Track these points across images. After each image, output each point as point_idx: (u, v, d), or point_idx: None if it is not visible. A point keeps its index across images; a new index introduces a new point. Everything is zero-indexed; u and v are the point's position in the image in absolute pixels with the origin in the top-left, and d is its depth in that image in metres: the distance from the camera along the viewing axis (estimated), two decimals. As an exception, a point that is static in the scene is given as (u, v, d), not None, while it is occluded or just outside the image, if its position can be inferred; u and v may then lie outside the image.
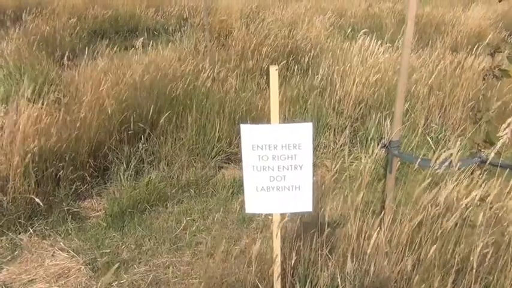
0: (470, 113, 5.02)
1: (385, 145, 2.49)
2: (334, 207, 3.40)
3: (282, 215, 2.25)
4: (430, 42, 7.67)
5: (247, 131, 2.07)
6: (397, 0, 12.40)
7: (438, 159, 2.38)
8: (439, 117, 5.02)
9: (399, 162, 3.58)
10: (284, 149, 2.09)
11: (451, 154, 2.39)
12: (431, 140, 4.46)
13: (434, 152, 2.54)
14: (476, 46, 6.02)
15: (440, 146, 4.17)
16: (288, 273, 2.57)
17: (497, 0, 3.92)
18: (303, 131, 2.08)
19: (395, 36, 6.85)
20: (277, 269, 2.28)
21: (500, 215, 2.65)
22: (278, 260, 2.26)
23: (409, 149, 4.43)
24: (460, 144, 3.61)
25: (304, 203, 2.21)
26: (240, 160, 4.72)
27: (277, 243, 2.25)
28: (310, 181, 2.17)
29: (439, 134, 4.74)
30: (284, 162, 2.11)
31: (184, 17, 9.97)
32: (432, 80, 5.35)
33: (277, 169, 2.13)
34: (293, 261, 2.51)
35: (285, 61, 6.33)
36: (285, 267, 2.56)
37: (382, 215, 2.58)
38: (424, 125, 4.78)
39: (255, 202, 2.20)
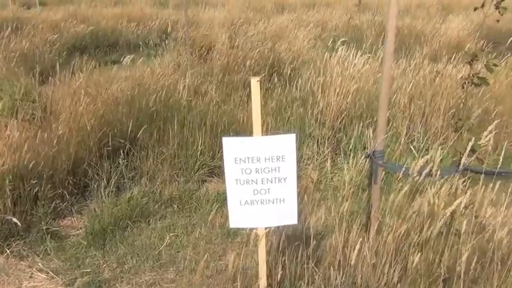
0: (452, 122, 5.06)
1: (369, 155, 2.47)
2: (318, 219, 3.37)
3: (266, 229, 2.20)
4: (410, 52, 7.76)
5: (230, 144, 2.03)
6: (376, 12, 12.59)
7: (419, 167, 2.37)
8: (421, 125, 5.05)
9: (383, 172, 3.58)
10: (268, 161, 2.05)
11: (433, 162, 2.39)
12: (414, 148, 4.48)
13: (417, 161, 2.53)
14: (455, 55, 6.12)
15: (422, 155, 4.19)
16: (275, 287, 2.52)
17: (473, 11, 3.99)
18: (287, 143, 2.05)
19: (376, 47, 6.91)
20: (263, 283, 2.23)
21: (484, 222, 2.65)
22: (264, 274, 2.21)
23: (393, 158, 4.44)
24: (443, 152, 3.63)
25: (289, 216, 2.18)
26: (224, 173, 4.68)
27: (262, 258, 2.20)
28: (294, 193, 2.14)
29: (422, 143, 4.76)
30: (268, 175, 2.08)
31: (167, 31, 9.93)
32: (412, 89, 5.41)
33: (261, 182, 2.09)
34: (279, 276, 2.46)
35: (266, 73, 6.34)
36: (271, 282, 2.51)
37: (368, 225, 2.56)
38: (407, 134, 4.80)
39: (238, 216, 2.15)
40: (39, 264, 3.24)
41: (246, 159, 2.04)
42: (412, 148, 4.41)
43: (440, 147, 4.71)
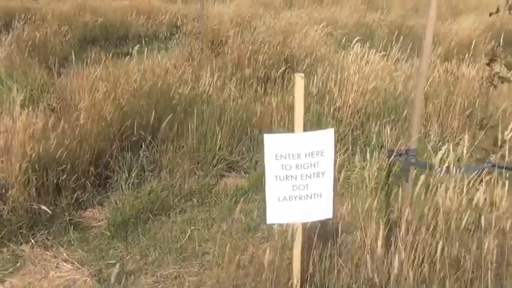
0: (467, 121, 5.09)
1: (401, 154, 2.50)
2: (342, 215, 3.39)
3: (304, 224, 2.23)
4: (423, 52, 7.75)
5: (271, 140, 2.05)
6: (386, 11, 12.59)
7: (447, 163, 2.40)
8: (437, 125, 5.07)
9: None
10: (307, 157, 2.07)
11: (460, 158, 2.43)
12: (432, 148, 4.49)
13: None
14: (468, 55, 6.16)
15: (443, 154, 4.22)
16: (304, 282, 2.55)
17: (483, 12, 4.04)
18: (326, 138, 2.07)
19: (389, 46, 6.90)
20: (296, 278, 2.26)
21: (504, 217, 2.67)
22: (298, 269, 2.24)
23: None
24: (468, 150, 3.65)
25: (325, 211, 2.20)
26: (241, 169, 4.69)
27: (297, 253, 2.23)
28: (331, 187, 2.16)
29: (439, 143, 4.79)
30: (307, 171, 2.10)
31: (177, 24, 9.94)
32: (428, 88, 5.44)
33: (300, 178, 2.11)
34: (310, 269, 2.49)
35: (280, 69, 6.35)
36: (302, 276, 2.54)
37: (398, 222, 2.58)
38: (424, 133, 4.83)
39: (276, 212, 2.17)
40: (64, 254, 3.26)
41: (286, 155, 2.06)
42: (430, 148, 4.42)
43: (457, 146, 4.76)
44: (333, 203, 2.22)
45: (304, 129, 2.16)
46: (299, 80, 1.95)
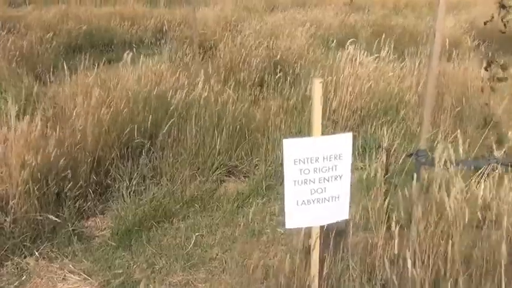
0: (458, 119, 5.20)
1: (411, 154, 2.54)
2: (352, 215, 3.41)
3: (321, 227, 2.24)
4: (407, 52, 7.87)
5: (290, 145, 2.06)
6: (368, 11, 12.73)
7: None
8: (431, 124, 5.14)
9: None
10: (326, 161, 2.09)
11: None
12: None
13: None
14: (454, 53, 6.29)
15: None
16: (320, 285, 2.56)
17: (463, 11, 4.21)
18: (344, 142, 2.09)
19: (373, 46, 6.96)
20: (315, 283, 2.27)
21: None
22: (316, 274, 2.25)
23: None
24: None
25: (341, 212, 2.22)
26: (241, 173, 4.68)
27: (315, 257, 2.24)
28: (348, 190, 2.18)
29: (433, 141, 4.85)
30: (325, 174, 2.11)
31: (163, 29, 9.89)
32: (419, 88, 5.55)
33: (318, 181, 2.12)
34: (325, 272, 2.51)
35: (271, 72, 6.37)
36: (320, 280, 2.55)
37: (409, 221, 2.62)
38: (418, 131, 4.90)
39: (295, 217, 2.18)
40: (70, 265, 3.22)
41: (305, 159, 2.07)
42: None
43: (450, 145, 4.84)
44: (349, 204, 2.24)
45: (301, 132, 2.17)
46: (317, 85, 1.97)
